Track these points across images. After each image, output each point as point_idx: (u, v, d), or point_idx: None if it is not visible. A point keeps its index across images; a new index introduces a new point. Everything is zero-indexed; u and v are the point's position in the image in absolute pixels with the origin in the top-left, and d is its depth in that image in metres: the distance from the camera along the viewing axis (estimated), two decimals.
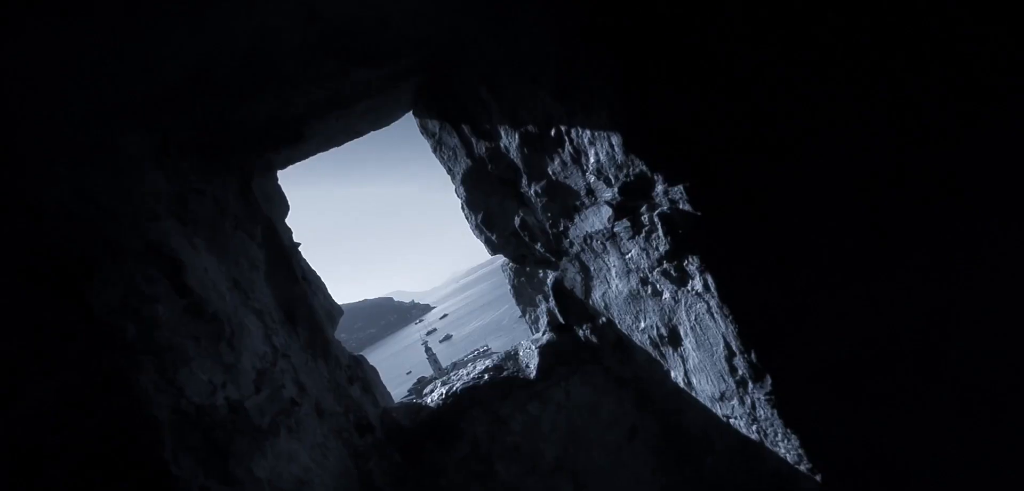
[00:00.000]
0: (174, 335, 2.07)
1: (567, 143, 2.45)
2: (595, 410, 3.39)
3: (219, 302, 2.43)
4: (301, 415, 2.64)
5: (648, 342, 2.90)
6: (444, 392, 3.45)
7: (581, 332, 3.35)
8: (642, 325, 2.86)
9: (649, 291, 2.65)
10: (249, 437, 2.20)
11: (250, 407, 2.29)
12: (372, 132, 3.92)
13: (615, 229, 2.54)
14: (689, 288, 2.40)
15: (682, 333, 2.63)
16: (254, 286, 2.87)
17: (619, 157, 2.24)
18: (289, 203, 3.96)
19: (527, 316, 3.88)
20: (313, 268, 3.85)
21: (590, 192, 2.53)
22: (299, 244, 3.84)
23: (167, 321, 2.07)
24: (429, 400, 3.49)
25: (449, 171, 3.51)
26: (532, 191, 2.85)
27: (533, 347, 3.54)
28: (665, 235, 2.32)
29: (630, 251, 2.57)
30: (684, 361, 2.75)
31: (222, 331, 2.36)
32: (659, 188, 2.22)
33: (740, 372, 2.41)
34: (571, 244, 2.92)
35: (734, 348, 2.35)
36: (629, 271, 2.67)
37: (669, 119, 2.14)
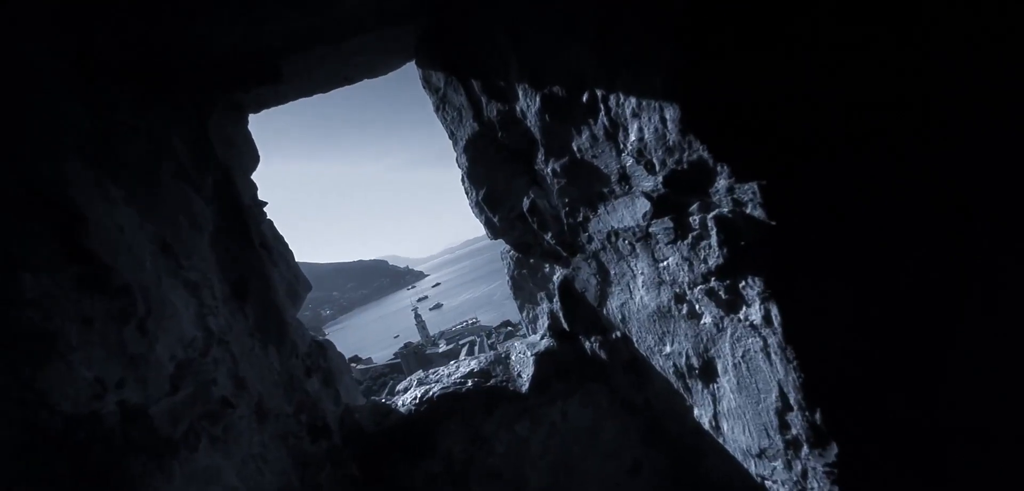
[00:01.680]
0: (49, 317, 1.51)
1: (602, 113, 1.87)
2: (594, 436, 2.87)
3: (133, 271, 1.87)
4: (233, 419, 2.10)
5: (671, 369, 2.36)
6: (419, 395, 2.91)
7: (587, 344, 2.81)
8: (667, 349, 2.31)
9: (684, 311, 2.10)
10: (149, 455, 1.65)
11: (157, 413, 1.74)
12: (367, 80, 3.34)
13: (651, 228, 1.98)
14: (741, 317, 1.86)
15: (720, 368, 2.09)
16: (193, 252, 2.30)
17: (672, 137, 1.67)
18: (259, 155, 3.37)
19: (525, 314, 3.34)
20: (280, 232, 3.29)
21: (624, 178, 1.96)
22: (265, 203, 3.27)
23: (39, 297, 1.51)
24: (400, 402, 2.96)
25: (451, 135, 2.92)
26: (549, 169, 2.27)
27: (528, 353, 3.00)
28: (720, 245, 1.76)
29: (667, 259, 2.02)
30: (715, 400, 2.22)
31: (132, 309, 1.80)
32: (721, 183, 1.65)
33: (794, 431, 1.88)
34: (590, 239, 2.36)
35: (792, 401, 1.82)
36: (661, 283, 2.12)
37: (745, 94, 1.57)
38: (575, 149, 2.09)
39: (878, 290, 1.68)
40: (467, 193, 2.91)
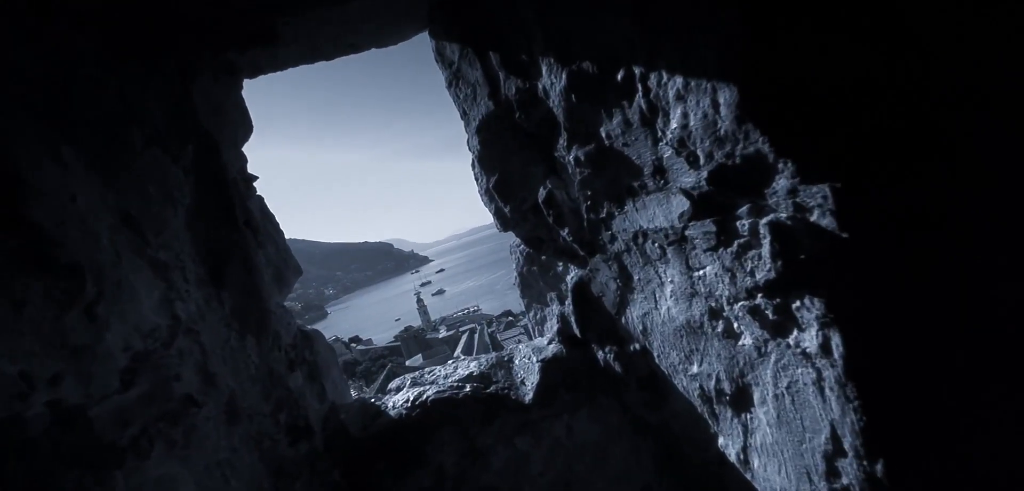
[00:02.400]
0: None
1: (639, 94, 1.58)
2: (601, 456, 2.60)
3: (85, 247, 1.61)
4: (198, 419, 1.84)
5: (697, 391, 2.08)
6: (411, 398, 2.65)
7: (601, 353, 2.54)
8: (694, 369, 2.04)
9: (719, 328, 1.82)
10: (84, 467, 1.40)
11: (99, 415, 1.48)
12: (375, 49, 3.06)
13: (688, 231, 1.70)
14: (791, 342, 1.58)
15: (757, 397, 1.82)
16: (163, 228, 2.03)
17: (724, 125, 1.38)
18: (253, 125, 3.10)
19: (532, 314, 3.08)
20: (270, 211, 3.02)
21: (659, 171, 1.68)
22: (256, 179, 3.00)
23: None
24: (391, 403, 2.70)
25: (464, 115, 2.64)
26: (572, 157, 1.98)
27: (534, 359, 2.73)
28: (773, 257, 1.48)
29: (704, 267, 1.74)
30: (747, 432, 1.95)
31: (79, 292, 1.54)
32: (781, 183, 1.37)
33: (845, 480, 1.60)
34: (613, 238, 2.08)
35: (846, 446, 1.54)
36: (694, 294, 1.84)
37: (822, 77, 1.28)
38: (604, 135, 1.81)
39: (964, 324, 1.40)
40: (477, 179, 2.64)
